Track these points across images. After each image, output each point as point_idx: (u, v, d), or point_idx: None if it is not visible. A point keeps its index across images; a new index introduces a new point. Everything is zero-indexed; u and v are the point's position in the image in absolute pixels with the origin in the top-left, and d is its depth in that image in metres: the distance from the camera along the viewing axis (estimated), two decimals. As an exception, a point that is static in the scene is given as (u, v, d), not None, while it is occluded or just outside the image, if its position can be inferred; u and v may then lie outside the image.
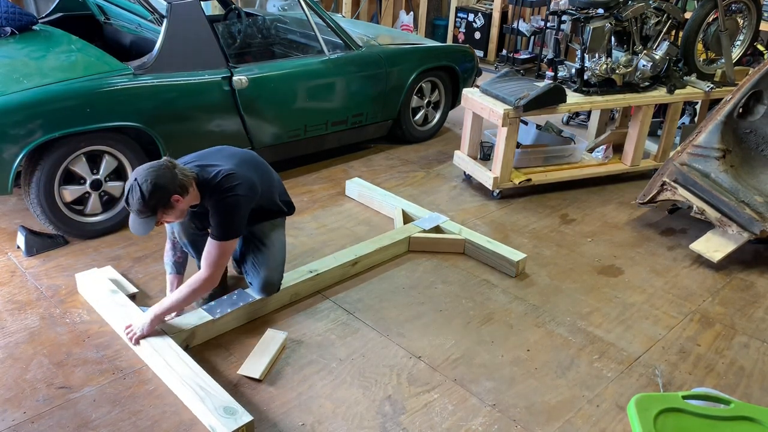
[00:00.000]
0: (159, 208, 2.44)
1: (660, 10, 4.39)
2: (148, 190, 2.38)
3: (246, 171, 2.68)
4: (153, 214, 2.44)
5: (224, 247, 2.61)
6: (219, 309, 2.78)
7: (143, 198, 2.38)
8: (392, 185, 4.35)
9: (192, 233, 2.83)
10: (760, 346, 2.94)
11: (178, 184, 2.45)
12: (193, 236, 2.85)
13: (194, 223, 2.80)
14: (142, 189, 2.38)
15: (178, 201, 2.46)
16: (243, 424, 2.18)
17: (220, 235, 2.61)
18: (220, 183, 2.58)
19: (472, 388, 2.57)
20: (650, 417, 1.86)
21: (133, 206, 2.42)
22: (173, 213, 2.50)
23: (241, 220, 2.64)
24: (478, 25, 8.06)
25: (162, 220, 2.50)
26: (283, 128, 4.14)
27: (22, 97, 3.10)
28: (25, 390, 2.43)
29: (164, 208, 2.45)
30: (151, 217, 2.44)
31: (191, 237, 2.85)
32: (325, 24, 4.33)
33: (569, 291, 3.28)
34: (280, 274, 2.92)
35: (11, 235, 3.46)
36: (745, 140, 3.81)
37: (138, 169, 2.46)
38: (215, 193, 2.58)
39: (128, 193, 2.42)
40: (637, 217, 4.12)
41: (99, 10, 4.53)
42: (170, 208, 2.46)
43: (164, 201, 2.43)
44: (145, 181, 2.39)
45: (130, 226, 2.50)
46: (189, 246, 2.88)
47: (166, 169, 2.43)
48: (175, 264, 2.87)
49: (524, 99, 3.91)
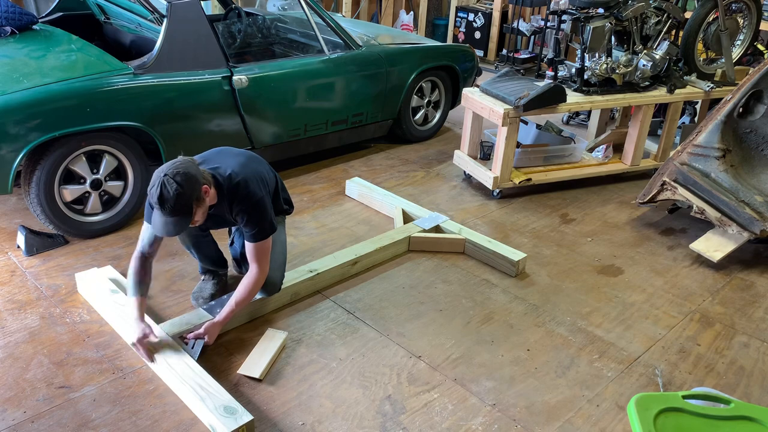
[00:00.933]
0: (193, 201, 2.33)
1: (660, 9, 4.39)
2: (183, 181, 2.27)
3: (253, 170, 2.66)
4: (189, 209, 2.33)
5: (265, 244, 2.64)
6: (219, 308, 2.78)
7: (180, 189, 2.26)
8: (392, 185, 4.35)
9: (195, 234, 2.83)
10: (760, 346, 2.94)
11: (203, 175, 2.41)
12: (196, 238, 2.85)
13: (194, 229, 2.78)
14: (177, 180, 2.26)
15: (206, 193, 2.40)
16: (243, 424, 2.18)
17: (259, 237, 2.61)
18: (239, 187, 2.53)
19: (472, 388, 2.57)
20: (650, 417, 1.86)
21: (170, 202, 2.26)
22: (201, 209, 2.40)
23: (271, 216, 2.64)
24: (478, 24, 8.05)
25: (194, 217, 2.38)
26: (283, 128, 4.14)
27: (22, 96, 3.10)
28: (25, 389, 2.43)
29: (197, 201, 2.35)
30: (186, 214, 2.34)
31: (194, 239, 2.85)
32: (326, 23, 4.33)
33: (569, 291, 3.28)
34: (282, 274, 2.92)
35: (11, 235, 3.46)
36: (746, 140, 3.81)
37: (161, 167, 2.34)
38: (237, 199, 2.54)
39: (161, 189, 2.26)
40: (637, 217, 4.12)
41: (99, 9, 4.53)
42: (202, 201, 2.37)
43: (197, 192, 2.34)
44: (177, 173, 2.28)
45: (161, 229, 2.35)
46: (192, 248, 2.88)
47: (189, 162, 2.38)
48: (141, 285, 2.58)
49: (524, 98, 3.91)
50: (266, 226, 2.62)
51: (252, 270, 2.65)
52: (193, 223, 2.43)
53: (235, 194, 2.54)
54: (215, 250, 3.01)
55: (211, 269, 3.03)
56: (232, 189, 2.53)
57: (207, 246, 2.96)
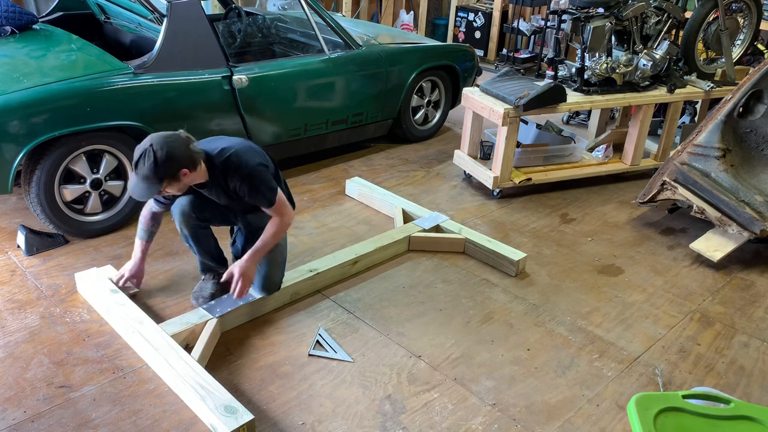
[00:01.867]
0: (166, 179, 2.46)
1: (660, 9, 4.39)
2: (162, 159, 2.40)
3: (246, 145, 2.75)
4: (159, 182, 2.46)
5: (279, 205, 2.70)
6: (219, 308, 2.79)
7: (155, 165, 2.40)
8: (392, 184, 4.35)
9: (194, 224, 2.84)
10: (760, 346, 2.94)
11: (190, 159, 2.49)
12: (194, 229, 2.85)
13: (195, 212, 2.81)
14: (156, 156, 2.40)
15: (185, 175, 2.51)
16: (244, 423, 2.18)
17: (268, 201, 2.68)
18: (230, 159, 2.62)
19: (472, 388, 2.57)
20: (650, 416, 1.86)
21: (142, 171, 2.42)
22: (177, 185, 2.53)
23: (270, 179, 2.69)
24: (478, 24, 8.05)
25: (164, 190, 2.52)
26: (283, 127, 4.14)
27: (22, 96, 3.10)
28: (25, 389, 2.43)
29: (171, 179, 2.48)
30: (156, 184, 2.46)
31: (193, 230, 2.85)
32: (326, 23, 4.33)
33: (569, 290, 3.28)
34: (282, 273, 2.93)
35: (11, 234, 3.46)
36: (746, 139, 3.81)
37: (155, 135, 2.47)
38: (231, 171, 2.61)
39: (140, 157, 2.42)
40: (637, 217, 4.12)
41: (99, 9, 4.53)
42: (176, 180, 2.50)
43: (173, 172, 2.46)
44: (161, 148, 2.41)
45: (131, 189, 2.51)
46: (190, 239, 2.89)
47: (181, 141, 2.48)
48: (147, 232, 2.87)
49: (524, 98, 3.91)
50: (269, 190, 2.68)
51: (275, 219, 2.73)
52: (165, 193, 2.56)
53: (227, 166, 2.62)
54: (215, 246, 3.02)
55: (211, 267, 3.03)
56: (224, 162, 2.62)
57: (206, 239, 2.96)
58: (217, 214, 2.89)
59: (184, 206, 2.79)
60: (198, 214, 2.82)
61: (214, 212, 2.86)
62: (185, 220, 2.82)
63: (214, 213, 2.87)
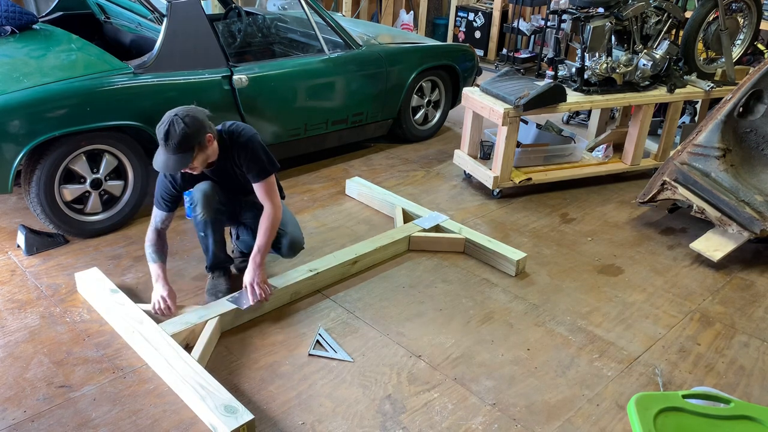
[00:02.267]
0: (196, 144, 2.51)
1: (660, 9, 4.39)
2: (192, 122, 2.48)
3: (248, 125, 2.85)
4: (191, 149, 2.51)
5: (270, 180, 2.78)
6: (245, 300, 2.83)
7: (186, 128, 2.44)
8: (392, 184, 4.35)
9: (216, 208, 2.85)
10: (760, 346, 2.94)
11: (210, 125, 2.58)
12: (215, 213, 2.86)
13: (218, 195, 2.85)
14: (186, 121, 2.46)
15: (210, 141, 2.57)
16: (244, 423, 2.18)
17: (262, 173, 2.75)
18: (235, 132, 2.73)
19: (472, 387, 2.57)
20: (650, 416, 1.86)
21: (174, 138, 2.44)
22: (202, 155, 2.58)
23: (267, 153, 2.78)
24: (478, 24, 8.05)
25: (194, 162, 2.56)
26: (283, 127, 4.14)
27: (22, 96, 3.10)
28: (25, 389, 2.43)
29: (200, 146, 2.54)
30: (188, 153, 2.50)
31: (214, 214, 2.86)
32: (326, 23, 4.33)
33: (569, 290, 3.28)
34: (301, 232, 3.06)
35: (11, 234, 3.46)
36: (746, 139, 3.81)
37: (172, 110, 2.53)
38: (237, 144, 2.71)
39: (169, 127, 2.45)
40: (637, 217, 4.12)
41: (99, 9, 4.53)
42: (204, 147, 2.56)
43: (202, 136, 2.52)
44: (187, 115, 2.48)
45: (161, 165, 2.53)
46: (209, 225, 2.88)
47: (200, 110, 2.57)
48: (159, 253, 2.82)
49: (524, 98, 3.91)
50: (266, 163, 2.77)
51: (266, 208, 2.80)
52: (191, 168, 2.60)
53: (234, 140, 2.72)
54: (224, 239, 3.04)
55: (222, 260, 3.04)
56: (231, 135, 2.72)
57: (221, 229, 2.98)
58: (231, 205, 2.94)
59: (207, 189, 2.82)
60: (220, 197, 2.86)
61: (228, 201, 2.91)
62: (207, 202, 2.82)
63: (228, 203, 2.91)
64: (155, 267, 2.80)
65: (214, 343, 2.70)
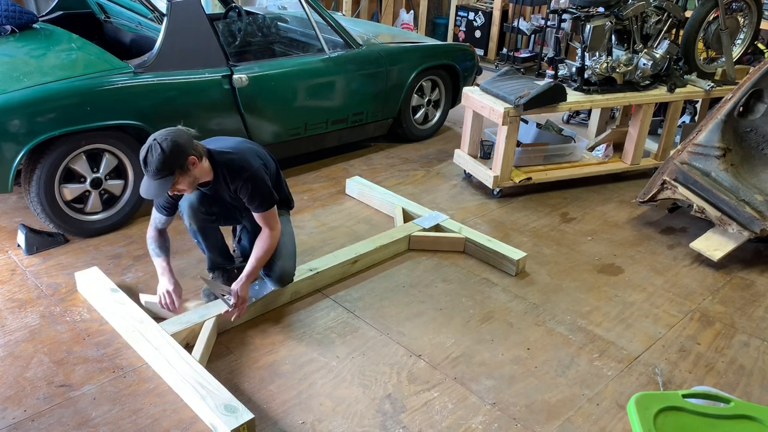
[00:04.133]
0: (177, 168, 2.45)
1: (660, 8, 4.39)
2: (169, 148, 2.40)
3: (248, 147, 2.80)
4: (171, 174, 2.44)
5: (271, 213, 2.73)
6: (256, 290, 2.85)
7: (164, 154, 2.38)
8: (392, 184, 4.35)
9: (202, 218, 2.84)
10: (760, 345, 2.94)
11: (194, 147, 2.51)
12: (203, 222, 2.85)
13: (203, 206, 2.81)
14: (163, 146, 2.40)
15: (194, 164, 2.51)
16: (244, 422, 2.18)
17: (264, 207, 2.70)
18: (234, 160, 2.64)
19: (472, 387, 2.57)
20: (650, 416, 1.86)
21: (152, 164, 2.40)
22: (187, 178, 2.51)
23: (268, 188, 2.72)
24: (478, 23, 8.05)
25: (176, 185, 2.50)
26: (283, 127, 4.14)
27: (22, 95, 3.10)
28: (25, 388, 2.43)
29: (181, 170, 2.46)
30: (168, 177, 2.44)
31: (201, 223, 2.86)
32: (326, 22, 4.33)
33: (569, 289, 3.28)
34: (294, 264, 2.96)
35: (11, 234, 3.46)
36: (746, 139, 3.81)
37: (155, 133, 2.48)
38: (234, 173, 2.63)
39: (147, 152, 2.41)
40: (637, 216, 4.12)
41: (99, 8, 4.53)
42: (186, 170, 2.48)
43: (183, 160, 2.45)
44: (165, 139, 2.42)
45: (144, 191, 2.49)
46: (198, 234, 2.89)
47: (182, 132, 2.50)
48: (162, 248, 2.81)
49: (524, 97, 3.91)
50: (268, 196, 2.71)
51: (265, 231, 2.75)
52: (177, 190, 2.54)
53: (231, 168, 2.64)
54: (222, 241, 3.03)
55: (219, 263, 3.04)
56: (228, 163, 2.63)
57: (214, 233, 2.97)
58: (225, 211, 2.90)
59: (193, 201, 2.80)
60: (206, 208, 2.83)
61: (221, 209, 2.87)
62: (194, 213, 2.81)
63: (221, 210, 2.87)
64: (159, 261, 2.80)
65: (213, 343, 2.70)
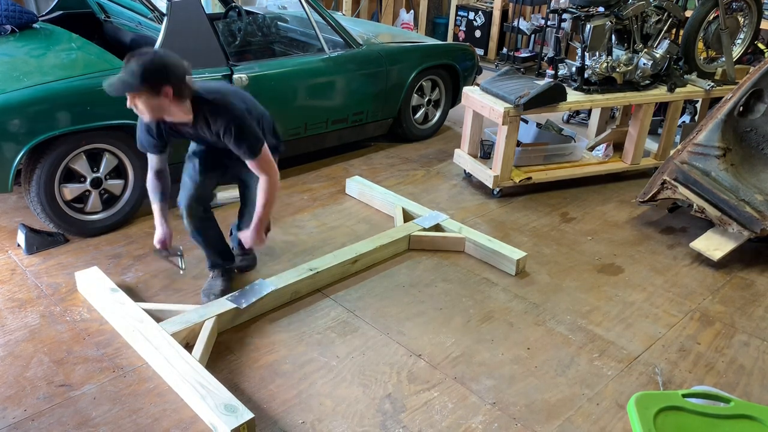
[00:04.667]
0: (146, 83, 2.34)
1: (661, 8, 4.39)
2: (154, 63, 2.34)
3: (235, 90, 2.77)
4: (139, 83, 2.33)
5: (263, 157, 2.63)
6: (244, 299, 2.83)
7: (144, 65, 2.31)
8: (392, 183, 4.35)
9: (199, 217, 2.84)
10: (760, 345, 2.94)
11: (179, 81, 2.40)
12: (200, 221, 2.86)
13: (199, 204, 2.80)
14: (153, 58, 2.35)
15: (166, 95, 2.39)
16: (244, 422, 2.18)
17: (252, 151, 2.60)
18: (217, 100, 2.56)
19: (472, 386, 2.57)
20: (650, 415, 1.86)
21: (131, 64, 2.32)
22: (151, 102, 2.39)
23: (254, 131, 2.61)
24: (478, 23, 8.05)
25: (135, 99, 2.39)
26: (283, 126, 4.11)
27: (22, 95, 3.10)
28: (25, 388, 2.43)
29: (150, 89, 2.36)
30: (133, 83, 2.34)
31: (199, 222, 2.86)
32: (326, 22, 4.33)
33: (569, 289, 3.28)
34: None
35: (11, 233, 3.46)
36: (746, 138, 3.81)
37: None
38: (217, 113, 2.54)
39: (138, 54, 2.35)
40: (637, 216, 4.12)
41: (99, 8, 4.53)
42: (154, 95, 2.37)
43: (156, 81, 2.34)
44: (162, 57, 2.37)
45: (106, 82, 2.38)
46: (198, 233, 2.90)
47: (181, 65, 2.43)
48: (162, 193, 2.79)
49: (525, 97, 3.91)
50: (253, 138, 2.60)
51: (263, 179, 2.68)
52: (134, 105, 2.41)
53: (212, 110, 2.55)
54: (220, 239, 3.03)
55: (218, 263, 3.04)
56: (211, 102, 2.55)
57: (212, 229, 2.97)
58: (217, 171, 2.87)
59: (188, 198, 2.79)
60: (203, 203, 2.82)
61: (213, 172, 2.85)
62: (190, 212, 2.81)
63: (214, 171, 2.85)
64: (155, 208, 2.80)
65: (213, 342, 2.70)
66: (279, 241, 3.55)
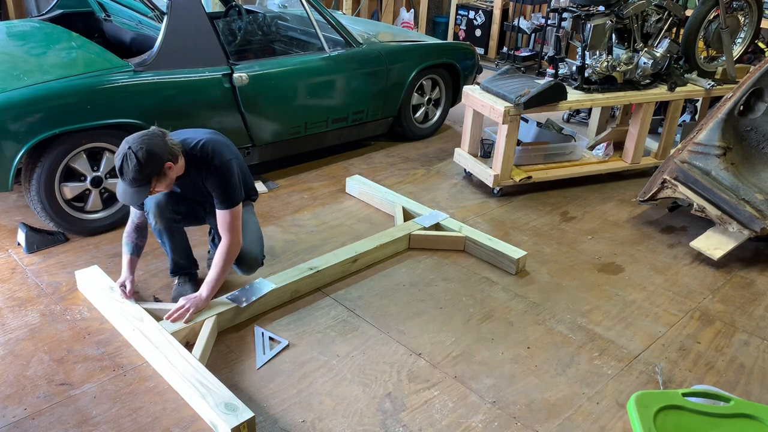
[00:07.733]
0: (153, 176, 2.46)
1: (661, 7, 4.39)
2: (144, 158, 2.39)
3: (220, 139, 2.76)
4: (147, 183, 2.46)
5: (235, 212, 2.69)
6: (245, 297, 2.82)
7: (139, 165, 2.39)
8: (392, 182, 4.35)
9: (168, 218, 2.82)
10: (760, 344, 2.94)
11: (170, 151, 2.49)
12: (169, 222, 2.84)
13: (170, 204, 2.79)
14: (138, 156, 2.38)
15: (170, 168, 2.50)
16: (244, 421, 2.19)
17: (228, 203, 2.67)
18: (205, 150, 2.63)
19: (472, 386, 2.57)
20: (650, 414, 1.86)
21: (128, 175, 2.40)
22: (165, 181, 2.52)
23: (238, 182, 2.69)
24: (478, 22, 8.05)
25: (154, 189, 2.52)
26: (283, 125, 4.14)
27: (22, 93, 3.10)
28: (25, 386, 2.43)
29: (158, 176, 2.48)
30: (144, 186, 2.46)
31: (167, 223, 2.83)
32: (326, 21, 4.33)
33: (569, 288, 3.28)
34: (261, 248, 2.95)
35: (12, 232, 3.47)
36: (746, 138, 3.81)
37: (129, 137, 2.46)
38: (206, 163, 2.62)
39: (122, 161, 2.40)
40: (637, 215, 4.12)
41: (99, 7, 4.53)
42: (163, 176, 2.50)
43: (158, 168, 2.45)
44: (140, 148, 2.39)
45: (121, 196, 2.51)
46: (164, 233, 2.87)
47: (157, 137, 2.47)
48: (136, 247, 2.84)
49: (525, 96, 3.91)
50: (235, 192, 2.68)
51: (224, 240, 2.71)
52: (155, 192, 2.56)
53: (203, 159, 2.63)
54: (186, 243, 3.01)
55: (183, 266, 3.01)
56: (200, 154, 2.63)
57: (179, 234, 2.94)
58: (191, 210, 2.90)
59: (160, 199, 2.78)
60: (173, 206, 2.81)
61: (186, 207, 2.87)
62: (160, 212, 2.78)
63: (188, 208, 2.88)
64: (125, 258, 2.84)
65: (214, 341, 2.70)
66: (279, 240, 3.55)
